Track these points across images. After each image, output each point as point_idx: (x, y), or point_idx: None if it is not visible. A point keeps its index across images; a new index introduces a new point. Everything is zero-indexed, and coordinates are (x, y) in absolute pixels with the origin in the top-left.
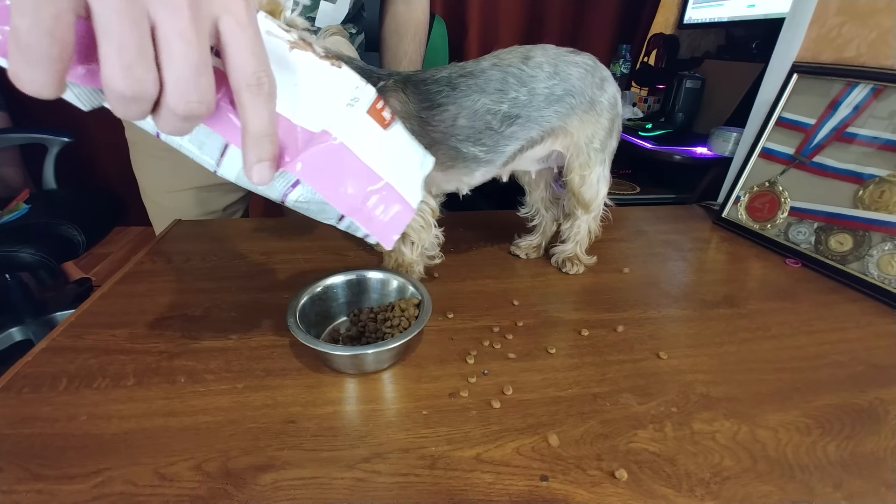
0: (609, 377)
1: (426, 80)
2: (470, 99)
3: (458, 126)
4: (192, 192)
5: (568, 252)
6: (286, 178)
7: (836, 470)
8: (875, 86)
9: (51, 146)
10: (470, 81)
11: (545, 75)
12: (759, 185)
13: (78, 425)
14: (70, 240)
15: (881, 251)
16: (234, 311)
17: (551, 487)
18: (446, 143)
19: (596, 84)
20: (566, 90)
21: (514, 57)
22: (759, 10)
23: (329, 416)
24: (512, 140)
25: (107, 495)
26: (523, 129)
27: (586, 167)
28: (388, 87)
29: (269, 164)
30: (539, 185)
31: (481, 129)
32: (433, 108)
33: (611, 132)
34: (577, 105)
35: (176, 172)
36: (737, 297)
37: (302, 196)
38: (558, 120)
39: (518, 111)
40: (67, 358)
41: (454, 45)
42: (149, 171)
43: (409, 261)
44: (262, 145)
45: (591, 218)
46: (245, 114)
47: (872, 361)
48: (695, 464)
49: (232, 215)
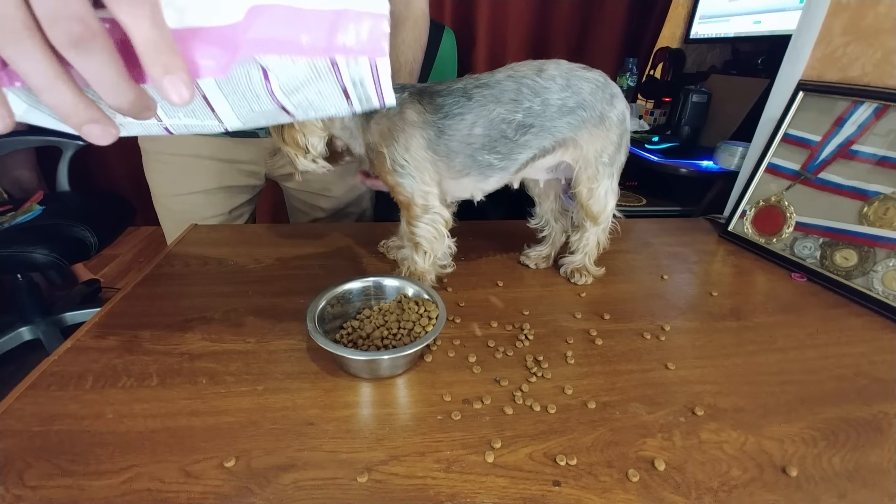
0: (618, 386)
1: (441, 91)
2: (486, 108)
3: (474, 135)
4: (198, 195)
5: (577, 263)
6: (250, 75)
7: (842, 481)
8: (879, 105)
9: (65, 149)
10: (486, 92)
11: (558, 87)
12: (765, 200)
13: (105, 423)
14: (82, 241)
15: (886, 267)
16: (252, 315)
17: (563, 492)
18: (463, 151)
19: (606, 100)
20: (578, 103)
21: (529, 69)
22: (765, 26)
23: (347, 419)
24: (525, 148)
25: (136, 491)
26: (536, 137)
27: (594, 180)
28: (404, 100)
29: (176, 77)
30: (549, 197)
31: (496, 138)
32: (450, 118)
33: (619, 147)
34: (588, 118)
35: (183, 177)
36: (743, 309)
37: (284, 82)
38: (570, 131)
39: (532, 120)
40: (92, 357)
41: (463, 56)
42: (159, 177)
43: (422, 270)
44: (155, 55)
45: (600, 230)
46: (124, 22)
47: (876, 375)
48: (703, 472)
49: (237, 218)
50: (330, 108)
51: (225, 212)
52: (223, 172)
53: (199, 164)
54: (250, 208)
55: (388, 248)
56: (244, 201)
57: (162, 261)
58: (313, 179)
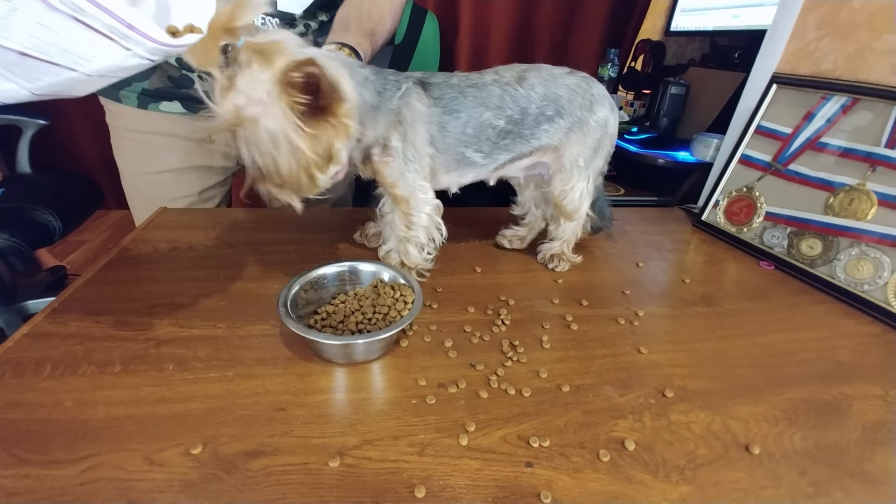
0: (592, 370)
1: (440, 84)
2: (477, 111)
3: (466, 133)
4: (167, 175)
5: (555, 249)
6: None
7: (801, 458)
8: (848, 98)
9: (25, 128)
10: (477, 93)
11: (537, 97)
12: (738, 191)
13: (64, 411)
14: (45, 225)
15: (848, 256)
16: (223, 300)
17: (536, 473)
18: (456, 148)
19: (585, 106)
20: (556, 111)
21: (511, 75)
22: (743, 21)
23: (319, 405)
24: (504, 151)
25: (96, 480)
26: (515, 143)
27: (568, 182)
28: (410, 90)
29: None
30: (528, 186)
31: (483, 140)
32: (449, 114)
33: (596, 151)
34: (565, 125)
35: (151, 155)
36: (713, 296)
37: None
38: (547, 138)
39: (511, 127)
40: (51, 344)
41: (445, 42)
42: (128, 155)
43: (416, 262)
44: None
45: (575, 224)
46: None
47: (837, 359)
48: (671, 452)
49: (208, 200)
50: (81, 46)
51: (195, 193)
52: (192, 152)
53: (166, 141)
54: (222, 190)
55: (368, 237)
56: (216, 182)
57: (129, 244)
58: None
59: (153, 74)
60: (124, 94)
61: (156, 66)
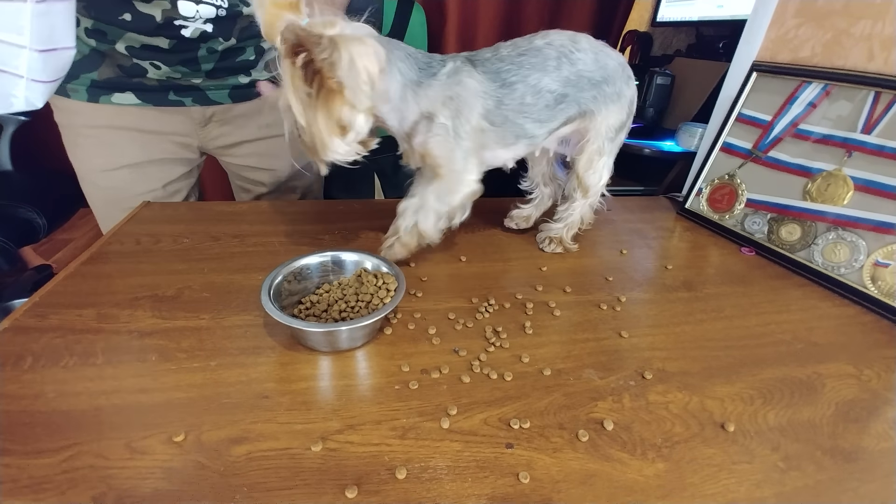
0: (574, 354)
1: (489, 59)
2: (534, 77)
3: (525, 104)
4: (126, 169)
5: (554, 232)
6: None
7: (775, 435)
8: (826, 85)
9: (6, 125)
10: (532, 60)
11: (590, 60)
12: (720, 178)
13: (45, 402)
14: (30, 223)
15: (825, 240)
16: (207, 292)
17: (516, 454)
18: (515, 120)
19: (625, 79)
20: (603, 77)
21: (564, 38)
22: (727, 10)
23: (303, 392)
24: (558, 116)
25: (77, 468)
26: (569, 106)
27: (597, 153)
28: (461, 69)
29: None
30: (542, 161)
31: (541, 108)
32: (505, 87)
33: (625, 126)
34: (609, 94)
35: (108, 150)
36: (695, 281)
37: None
38: (592, 104)
39: (567, 91)
40: (31, 337)
41: (433, 33)
42: (82, 153)
43: (428, 230)
44: None
45: (587, 204)
46: None
47: (812, 340)
48: (648, 431)
49: (175, 194)
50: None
51: (159, 186)
52: (150, 144)
53: (122, 135)
54: (188, 182)
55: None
56: (179, 175)
57: (111, 238)
58: (251, 154)
59: (102, 64)
60: (72, 88)
61: (103, 55)
